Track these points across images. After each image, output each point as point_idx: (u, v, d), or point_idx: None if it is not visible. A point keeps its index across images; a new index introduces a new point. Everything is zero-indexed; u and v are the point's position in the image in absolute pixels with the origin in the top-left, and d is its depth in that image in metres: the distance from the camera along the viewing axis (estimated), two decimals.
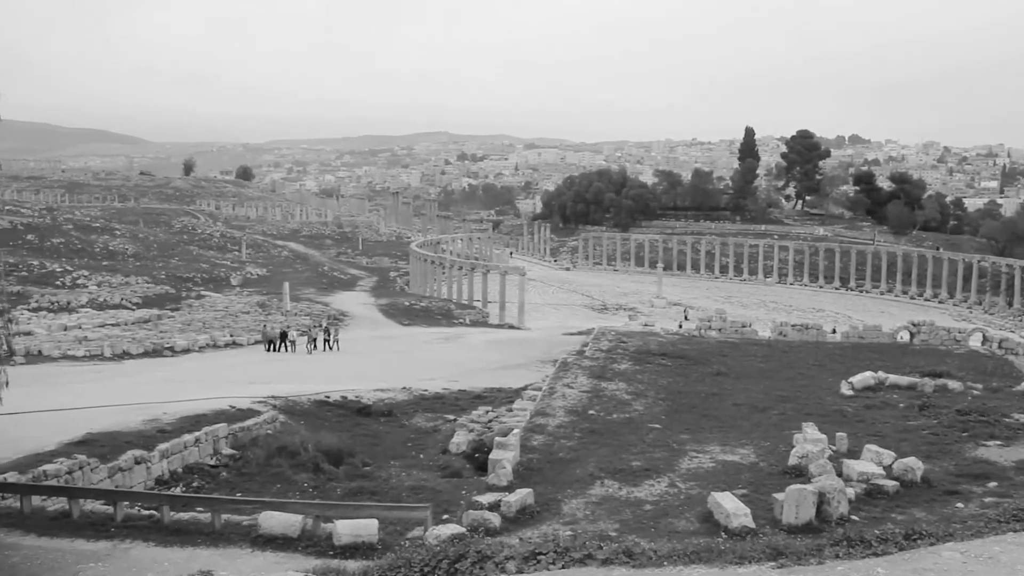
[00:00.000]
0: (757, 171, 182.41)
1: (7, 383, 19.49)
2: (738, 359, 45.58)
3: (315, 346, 53.76)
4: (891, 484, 21.29)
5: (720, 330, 60.27)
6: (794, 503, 18.52)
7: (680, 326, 65.93)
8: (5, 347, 20.65)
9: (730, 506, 18.84)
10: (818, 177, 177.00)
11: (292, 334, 54.96)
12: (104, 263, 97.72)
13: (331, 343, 54.67)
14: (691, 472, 24.40)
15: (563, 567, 9.68)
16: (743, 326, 62.17)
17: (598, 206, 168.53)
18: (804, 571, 10.04)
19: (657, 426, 30.97)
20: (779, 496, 19.21)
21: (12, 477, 21.85)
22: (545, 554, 9.90)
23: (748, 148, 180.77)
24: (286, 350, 53.21)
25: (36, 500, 20.75)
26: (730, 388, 38.23)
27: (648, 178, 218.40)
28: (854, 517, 18.84)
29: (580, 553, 9.90)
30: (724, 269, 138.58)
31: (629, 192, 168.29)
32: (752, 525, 18.09)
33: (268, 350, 53.17)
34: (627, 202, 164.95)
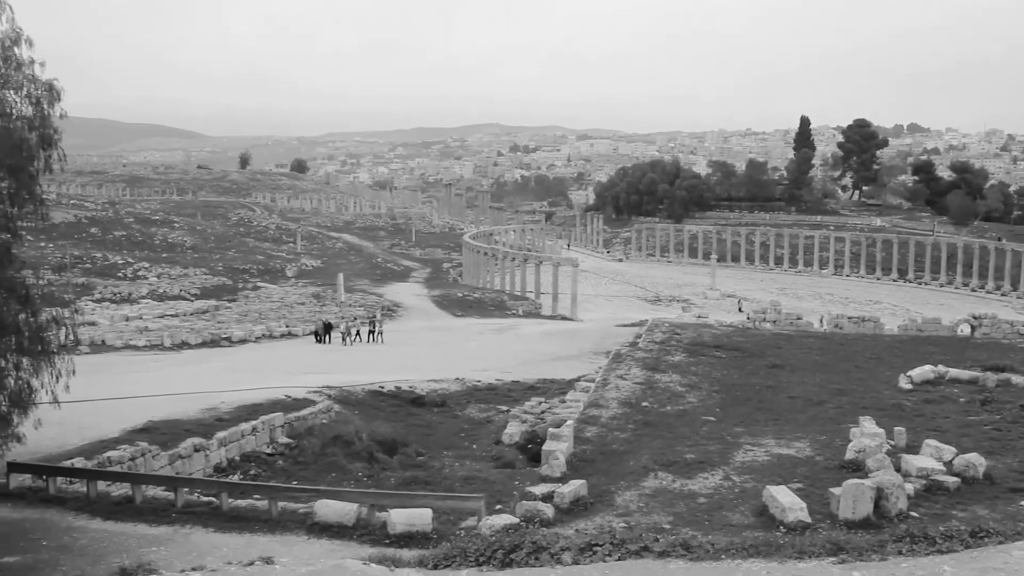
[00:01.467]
0: (812, 161, 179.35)
1: (74, 372, 19.98)
2: (793, 351, 44.97)
3: (358, 338, 53.60)
4: (952, 480, 20.86)
5: (775, 322, 59.51)
6: (851, 498, 18.24)
7: (748, 317, 64.75)
8: (72, 337, 21.14)
9: (785, 500, 18.62)
10: (875, 167, 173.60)
11: (340, 325, 54.83)
12: (164, 255, 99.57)
13: (375, 336, 54.49)
14: (745, 465, 24.16)
15: (619, 559, 9.61)
16: (798, 318, 61.33)
17: (651, 197, 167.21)
18: (867, 567, 9.84)
19: (711, 419, 30.72)
20: (836, 491, 18.93)
21: (79, 463, 22.47)
22: (601, 545, 9.83)
23: (803, 138, 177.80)
24: (329, 341, 53.15)
25: (101, 485, 21.28)
26: (785, 381, 37.75)
27: (702, 169, 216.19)
28: (913, 514, 18.50)
29: (636, 545, 9.82)
30: (779, 261, 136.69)
31: (682, 183, 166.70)
32: (808, 520, 17.86)
33: (318, 341, 53.38)
34: (680, 193, 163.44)
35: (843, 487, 18.55)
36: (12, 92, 17.75)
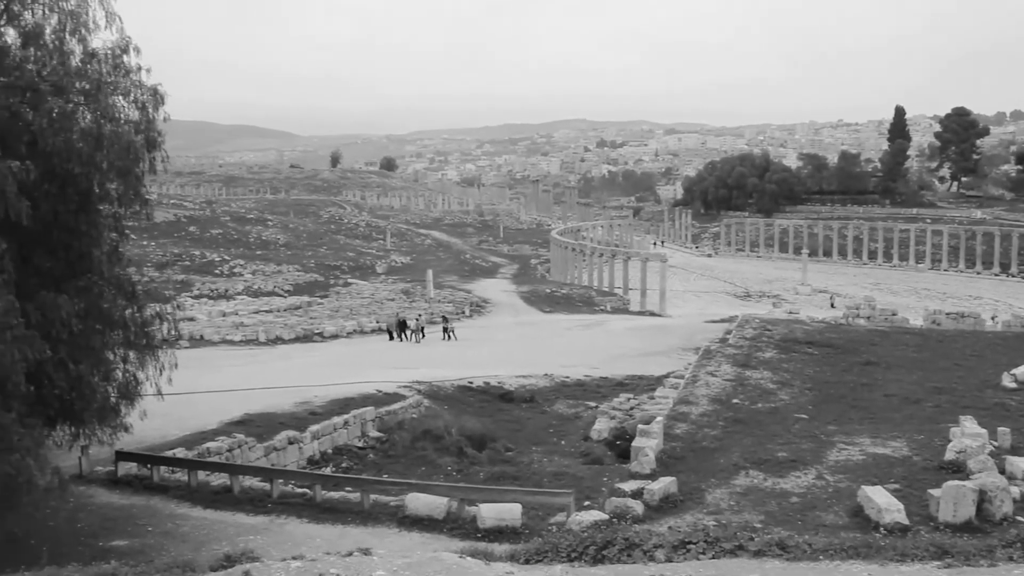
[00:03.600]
0: (908, 152, 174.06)
1: (176, 365, 20.68)
2: (888, 348, 43.71)
3: (423, 336, 52.20)
4: None
5: (869, 318, 57.96)
6: (952, 500, 17.66)
7: (841, 313, 63.14)
8: (174, 332, 21.90)
9: (882, 501, 18.13)
10: (975, 157, 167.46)
11: (411, 323, 53.55)
12: (258, 252, 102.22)
13: (448, 334, 53.00)
14: (839, 464, 23.62)
15: (713, 557, 9.50)
16: (893, 314, 59.58)
17: (740, 191, 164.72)
18: (976, 573, 9.51)
19: (804, 416, 30.11)
20: (935, 492, 18.36)
21: (180, 453, 23.32)
22: (695, 543, 9.73)
23: (898, 128, 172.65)
24: (403, 339, 52.23)
25: (201, 475, 22.03)
26: (880, 378, 36.74)
27: (792, 162, 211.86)
28: (1019, 518, 17.81)
29: (731, 544, 9.69)
30: (872, 255, 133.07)
31: (772, 176, 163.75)
32: (906, 522, 17.36)
33: (393, 339, 52.54)
34: (770, 187, 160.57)
35: (943, 489, 17.97)
36: (121, 98, 18.50)
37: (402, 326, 53.17)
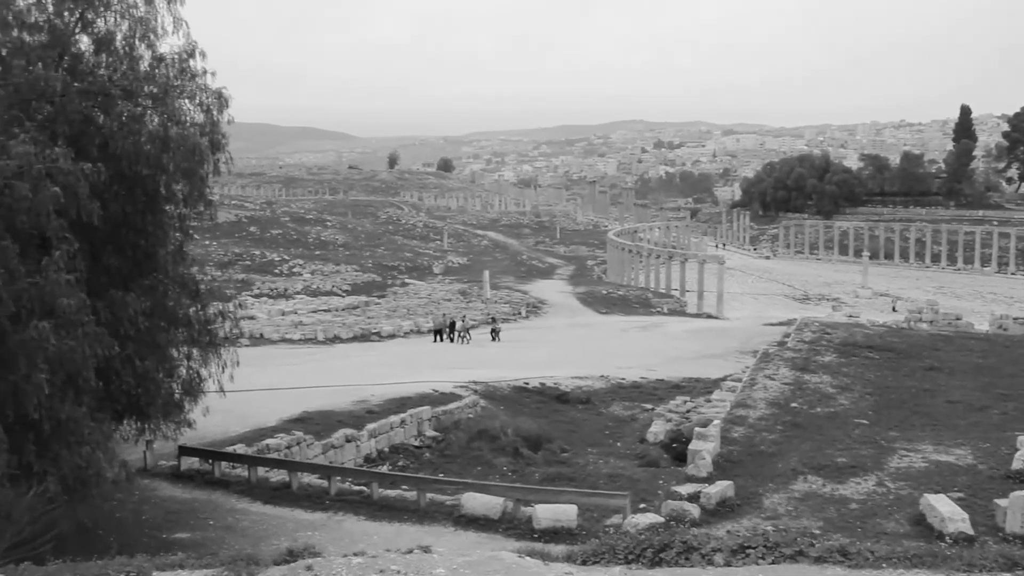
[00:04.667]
0: (974, 152, 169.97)
1: (238, 363, 21.09)
2: (952, 353, 42.76)
3: (468, 337, 51.94)
4: None
5: (931, 322, 56.76)
6: (1020, 511, 17.29)
7: (903, 317, 61.90)
8: (235, 330, 22.33)
9: (945, 509, 17.79)
10: None
11: (459, 324, 53.33)
12: (317, 252, 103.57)
13: (495, 336, 52.66)
14: (901, 471, 23.22)
15: (773, 562, 9.40)
16: (957, 318, 58.25)
17: (799, 193, 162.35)
18: None
19: (864, 422, 29.63)
20: (1002, 502, 17.97)
21: (241, 449, 23.78)
22: (754, 548, 9.64)
23: (963, 128, 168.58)
24: (451, 340, 52.07)
25: (261, 471, 22.40)
26: (944, 384, 35.96)
27: (852, 163, 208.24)
28: None
29: (791, 549, 9.58)
30: (935, 258, 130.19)
31: (832, 178, 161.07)
32: (971, 531, 17.01)
33: (439, 340, 52.32)
34: (830, 188, 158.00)
35: (1011, 499, 17.58)
36: (187, 101, 18.96)
37: (451, 327, 53.21)
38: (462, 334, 52.14)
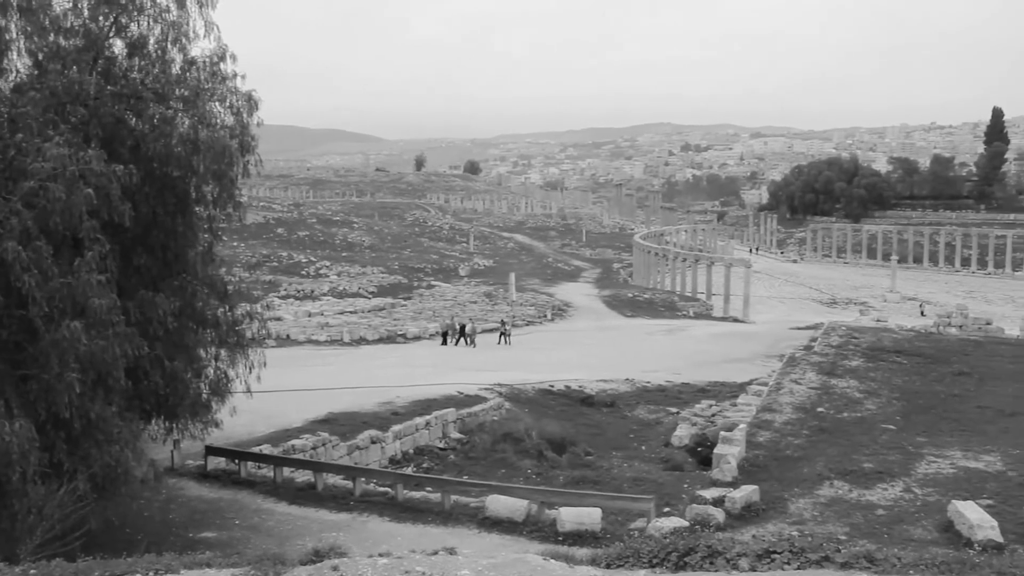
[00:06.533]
0: (1006, 155, 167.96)
1: (265, 363, 21.26)
2: (982, 359, 42.30)
3: (468, 341, 51.35)
4: None
5: (961, 327, 56.20)
6: None
7: (933, 322, 61.17)
8: (263, 331, 22.51)
9: (974, 517, 17.63)
10: None
11: (468, 327, 52.69)
12: (343, 254, 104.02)
13: (505, 339, 51.97)
14: (928, 478, 23.03)
15: (798, 567, 9.37)
16: (987, 323, 57.65)
17: (827, 196, 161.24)
18: None
19: (891, 427, 29.41)
20: None
21: (267, 449, 23.98)
22: (780, 553, 9.61)
23: (995, 130, 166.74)
24: (457, 343, 51.44)
25: (287, 471, 22.58)
26: (973, 390, 35.60)
27: (881, 166, 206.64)
28: None
29: (817, 555, 9.54)
30: (965, 262, 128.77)
31: (861, 181, 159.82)
32: (1000, 539, 16.85)
33: (447, 343, 51.72)
34: (859, 191, 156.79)
35: None
36: (217, 104, 19.15)
37: (462, 331, 52.48)
38: (470, 338, 51.66)
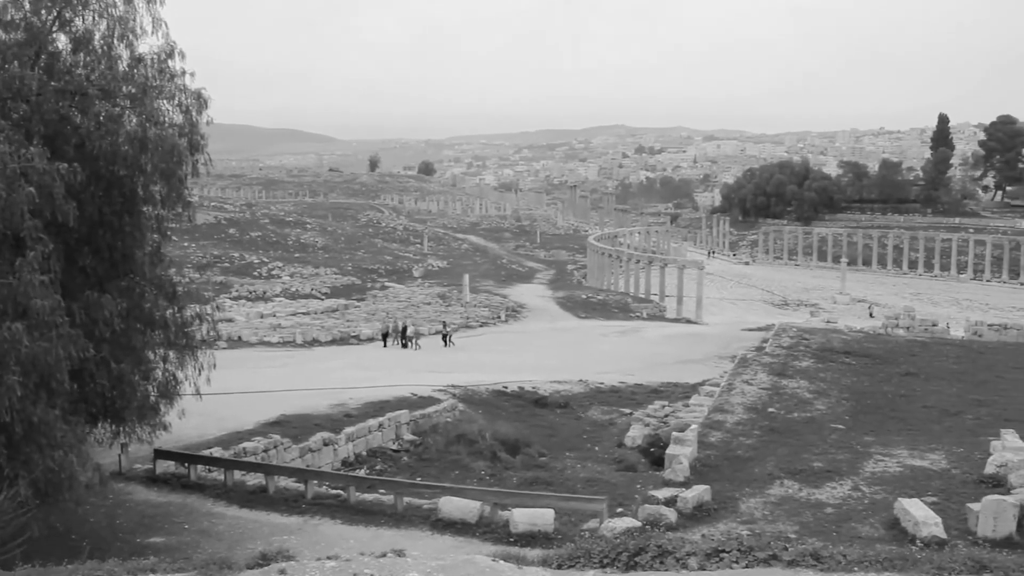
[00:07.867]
0: (951, 161, 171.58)
1: (215, 365, 20.95)
2: (928, 359, 43.15)
3: (412, 343, 50.82)
4: None
5: (908, 328, 57.27)
6: (991, 515, 17.44)
7: (880, 323, 62.46)
8: (213, 333, 22.18)
9: (919, 514, 17.94)
10: (1021, 166, 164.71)
11: (410, 330, 52.01)
12: (296, 255, 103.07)
13: (447, 341, 51.77)
14: (876, 476, 23.40)
15: (747, 566, 9.46)
16: (933, 324, 58.81)
17: (779, 199, 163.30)
18: None
19: (840, 427, 29.84)
20: (974, 506, 18.15)
21: (217, 452, 23.64)
22: (728, 552, 9.69)
23: (941, 136, 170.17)
24: (403, 346, 50.64)
25: (238, 474, 22.31)
26: (919, 389, 36.28)
27: (832, 169, 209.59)
28: None
29: (764, 553, 9.64)
30: (913, 264, 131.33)
31: (812, 184, 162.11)
32: (943, 535, 17.16)
33: (387, 345, 51.13)
34: (810, 195, 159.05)
35: (983, 503, 17.75)
36: (165, 101, 18.79)
37: (402, 333, 51.83)
38: (413, 340, 51.11)
